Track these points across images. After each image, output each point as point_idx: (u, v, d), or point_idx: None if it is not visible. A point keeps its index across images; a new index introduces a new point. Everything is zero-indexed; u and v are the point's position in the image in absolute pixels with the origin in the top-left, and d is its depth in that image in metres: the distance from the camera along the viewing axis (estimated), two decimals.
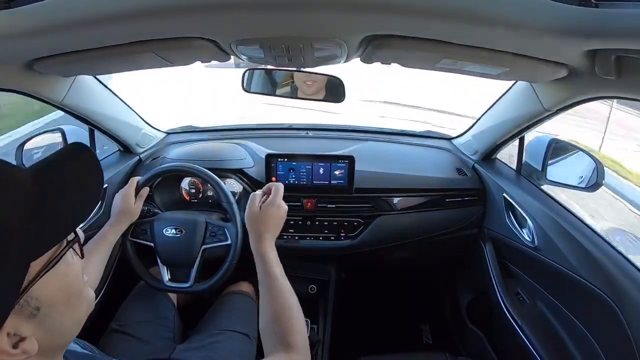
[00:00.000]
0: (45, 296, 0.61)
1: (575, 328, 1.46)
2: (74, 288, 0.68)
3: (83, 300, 0.71)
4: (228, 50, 1.12)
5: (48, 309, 0.62)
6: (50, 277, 0.61)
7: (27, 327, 0.60)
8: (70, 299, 0.67)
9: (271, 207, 1.28)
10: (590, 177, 1.61)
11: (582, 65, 1.03)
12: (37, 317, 0.61)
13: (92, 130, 1.86)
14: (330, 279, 2.04)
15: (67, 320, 0.67)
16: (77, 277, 0.69)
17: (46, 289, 0.61)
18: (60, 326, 0.66)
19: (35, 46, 1.02)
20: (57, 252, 0.63)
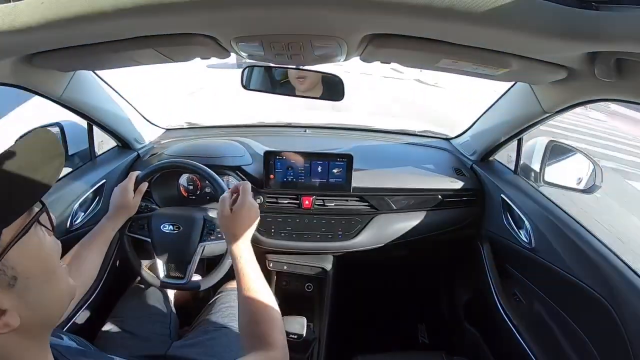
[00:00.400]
0: (21, 266, 0.62)
1: (571, 329, 1.47)
2: (49, 263, 0.69)
3: (61, 280, 0.72)
4: (228, 47, 1.12)
5: (25, 279, 0.63)
6: (24, 247, 0.63)
7: (7, 299, 0.61)
8: (46, 273, 0.68)
9: (241, 208, 1.29)
10: (588, 179, 1.61)
11: (582, 67, 1.03)
12: (16, 287, 0.62)
13: (90, 125, 1.86)
14: (327, 278, 2.03)
15: (47, 296, 0.68)
16: (52, 253, 0.70)
17: (21, 258, 0.62)
18: (41, 302, 0.67)
19: (34, 41, 1.02)
20: (27, 220, 0.64)
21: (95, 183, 1.80)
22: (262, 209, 1.93)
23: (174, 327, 1.71)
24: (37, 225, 0.67)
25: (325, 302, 2.02)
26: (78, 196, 1.71)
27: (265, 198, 1.95)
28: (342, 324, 2.26)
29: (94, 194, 1.82)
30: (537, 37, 0.77)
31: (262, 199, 1.95)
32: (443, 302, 2.58)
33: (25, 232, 0.63)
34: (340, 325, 2.22)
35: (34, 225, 0.66)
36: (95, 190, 1.81)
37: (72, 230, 1.67)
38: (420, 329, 2.58)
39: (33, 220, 0.65)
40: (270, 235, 1.96)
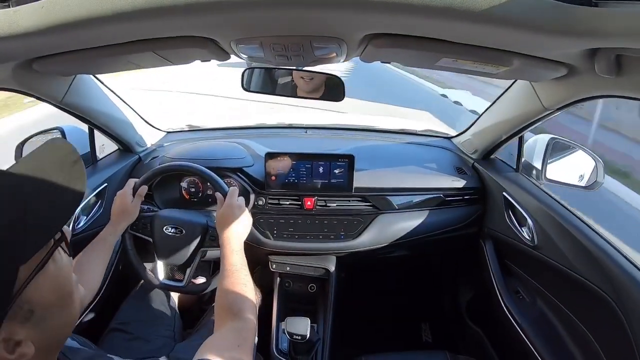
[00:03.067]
0: (37, 299, 0.61)
1: (575, 326, 1.47)
2: (65, 288, 0.68)
3: (75, 299, 0.71)
4: (228, 49, 1.12)
5: (42, 311, 0.62)
6: (41, 279, 0.61)
7: (22, 331, 0.60)
8: (63, 299, 0.67)
9: (227, 209, 1.40)
10: (590, 176, 1.61)
11: (582, 64, 1.03)
12: (31, 320, 0.61)
13: (91, 129, 1.86)
14: (330, 278, 2.03)
15: (61, 321, 0.67)
16: (68, 276, 0.69)
17: (38, 292, 0.61)
18: (55, 327, 0.66)
19: (34, 45, 1.02)
20: (44, 253, 0.62)
21: (97, 187, 1.80)
22: (264, 211, 1.93)
23: (177, 329, 1.71)
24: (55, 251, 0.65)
25: (328, 303, 2.02)
26: None
27: (267, 199, 1.95)
28: (346, 325, 2.26)
29: (96, 198, 1.81)
30: (537, 35, 0.77)
31: (264, 200, 1.95)
32: (446, 301, 2.58)
33: (41, 267, 0.61)
34: (344, 326, 2.22)
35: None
36: (97, 194, 1.80)
37: (75, 234, 1.67)
38: (423, 328, 2.58)
39: (51, 253, 0.63)
40: (272, 236, 1.96)
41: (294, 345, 1.76)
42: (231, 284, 1.18)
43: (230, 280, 1.20)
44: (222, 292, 1.17)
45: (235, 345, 0.98)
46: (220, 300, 1.16)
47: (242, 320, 1.08)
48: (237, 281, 1.20)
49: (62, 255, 0.68)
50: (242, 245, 1.36)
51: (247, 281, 1.23)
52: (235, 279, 1.20)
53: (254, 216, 1.93)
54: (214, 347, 0.95)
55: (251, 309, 1.14)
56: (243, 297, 1.15)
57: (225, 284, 1.19)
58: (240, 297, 1.15)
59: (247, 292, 1.18)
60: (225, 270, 1.24)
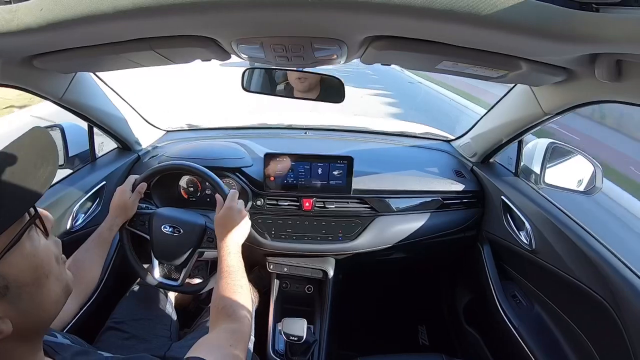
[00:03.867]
0: (12, 275, 0.61)
1: (572, 331, 1.47)
2: (43, 268, 0.68)
3: (56, 281, 0.71)
4: (228, 49, 1.12)
5: (17, 288, 0.62)
6: (16, 256, 0.62)
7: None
8: (39, 279, 0.67)
9: (227, 211, 1.42)
10: (589, 181, 1.61)
11: (582, 69, 1.03)
12: (8, 296, 0.61)
13: (90, 127, 1.86)
14: (328, 280, 2.03)
15: (41, 301, 0.67)
16: (47, 257, 0.69)
17: (12, 267, 0.61)
18: (35, 307, 0.66)
19: (35, 42, 1.02)
20: (18, 229, 0.63)
21: (95, 185, 1.80)
22: (262, 211, 1.93)
23: (174, 328, 1.71)
24: (31, 229, 0.66)
25: (325, 304, 2.02)
26: (78, 198, 1.71)
27: (265, 200, 1.95)
28: (343, 326, 2.26)
29: (94, 196, 1.81)
30: (537, 39, 0.77)
31: (262, 201, 1.95)
32: (443, 304, 2.58)
33: (15, 242, 0.62)
34: (341, 327, 2.22)
35: (27, 230, 0.65)
36: (95, 192, 1.80)
37: (73, 231, 1.67)
38: (420, 330, 2.58)
39: (23, 230, 0.64)
40: (270, 237, 1.96)
41: (290, 346, 1.76)
42: (227, 286, 1.20)
43: (227, 282, 1.21)
44: (218, 293, 1.18)
45: (228, 345, 0.98)
46: (215, 301, 1.17)
47: (236, 321, 1.09)
48: (233, 283, 1.21)
49: (40, 237, 0.69)
50: (239, 248, 1.37)
51: (244, 283, 1.24)
52: (232, 281, 1.22)
53: (252, 216, 1.93)
54: (207, 346, 0.96)
55: (246, 311, 1.15)
56: (238, 299, 1.16)
57: (222, 286, 1.20)
58: (236, 298, 1.16)
59: (243, 294, 1.20)
60: (222, 272, 1.25)
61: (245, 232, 1.44)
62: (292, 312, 1.94)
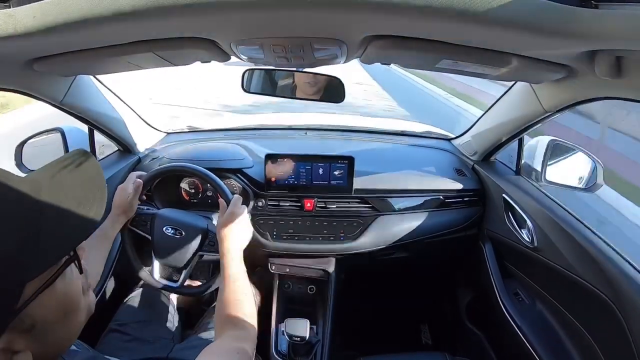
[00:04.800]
0: (40, 315, 0.58)
1: (574, 328, 1.47)
2: (71, 305, 0.65)
3: (81, 312, 0.69)
4: (228, 50, 1.12)
5: (44, 325, 0.60)
6: (47, 296, 0.58)
7: (21, 342, 0.58)
8: (67, 315, 0.64)
9: (230, 217, 1.39)
10: (590, 178, 1.61)
11: (582, 65, 1.03)
12: (32, 332, 0.58)
13: (91, 130, 1.86)
14: (330, 280, 2.03)
15: (63, 334, 0.66)
16: (77, 293, 0.67)
17: (42, 308, 0.58)
18: (56, 340, 0.64)
19: (34, 46, 1.02)
20: (54, 271, 0.60)
21: None
22: (264, 212, 1.93)
23: (177, 330, 1.71)
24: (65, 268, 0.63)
25: (328, 304, 2.02)
26: None
27: (266, 201, 1.95)
28: (345, 326, 2.26)
29: None
30: (537, 36, 0.77)
31: (263, 201, 1.95)
32: (445, 303, 2.58)
33: (49, 285, 0.59)
34: (343, 327, 2.22)
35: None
36: None
37: None
38: (423, 329, 2.58)
39: (58, 273, 0.60)
40: (272, 238, 1.96)
41: (293, 347, 1.76)
42: (231, 293, 1.19)
43: (231, 289, 1.20)
44: (222, 301, 1.18)
45: (235, 353, 0.97)
46: (220, 309, 1.16)
47: (241, 329, 1.09)
48: (237, 290, 1.20)
49: (73, 272, 0.66)
50: (241, 253, 1.36)
51: (247, 291, 1.23)
52: (235, 288, 1.21)
53: (254, 217, 1.93)
54: (212, 354, 0.96)
55: (251, 318, 1.15)
56: (243, 306, 1.16)
57: (226, 293, 1.19)
58: (240, 306, 1.15)
59: (247, 301, 1.19)
60: (226, 279, 1.24)
61: (248, 238, 1.42)
62: (294, 312, 1.94)
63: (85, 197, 0.65)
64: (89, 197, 0.65)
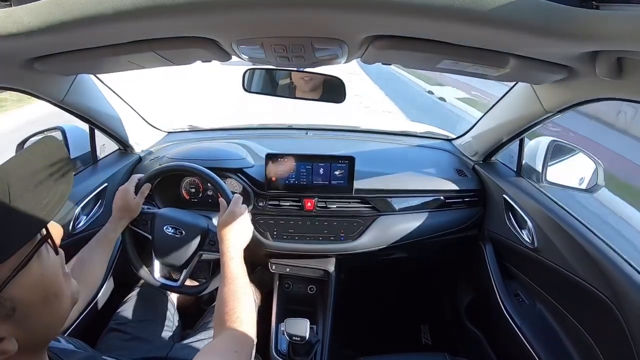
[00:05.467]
0: (20, 297, 0.59)
1: (574, 329, 1.47)
2: (51, 287, 0.66)
3: (63, 297, 0.69)
4: (229, 50, 1.12)
5: (25, 309, 0.60)
6: (24, 277, 0.59)
7: (5, 328, 0.59)
8: (48, 298, 0.65)
9: (230, 216, 1.39)
10: (590, 179, 1.61)
11: (583, 66, 1.03)
12: (14, 317, 0.59)
13: (92, 129, 1.86)
14: (330, 279, 2.03)
15: (47, 318, 0.66)
16: (55, 275, 0.67)
17: (20, 290, 0.59)
18: (41, 324, 0.65)
19: (35, 45, 1.02)
20: (28, 251, 0.61)
21: (97, 187, 1.80)
22: (264, 212, 1.93)
23: (176, 329, 1.71)
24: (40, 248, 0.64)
25: (328, 304, 2.02)
26: (80, 200, 1.71)
27: (267, 200, 1.95)
28: (345, 326, 2.26)
29: (96, 198, 1.81)
30: (538, 37, 0.77)
31: (264, 201, 1.95)
32: (446, 303, 2.58)
33: (24, 265, 0.60)
34: (343, 327, 2.22)
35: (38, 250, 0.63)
36: (97, 194, 1.80)
37: (75, 234, 1.67)
38: (423, 330, 2.58)
39: (33, 252, 0.62)
40: (272, 237, 1.96)
41: (293, 347, 1.76)
42: (230, 292, 1.18)
43: (230, 288, 1.20)
44: (222, 300, 1.17)
45: (233, 351, 0.98)
46: (219, 308, 1.16)
47: (240, 328, 1.09)
48: (237, 289, 1.20)
49: (50, 253, 0.67)
50: (242, 253, 1.36)
51: (247, 290, 1.23)
52: (235, 287, 1.20)
53: (254, 217, 1.93)
54: (211, 353, 0.97)
55: (250, 317, 1.14)
56: (242, 305, 1.15)
57: (225, 292, 1.19)
58: (240, 305, 1.15)
59: (247, 300, 1.19)
60: (225, 278, 1.24)
61: (248, 237, 1.42)
62: (294, 312, 1.94)
63: (51, 176, 0.65)
64: (54, 178, 0.65)
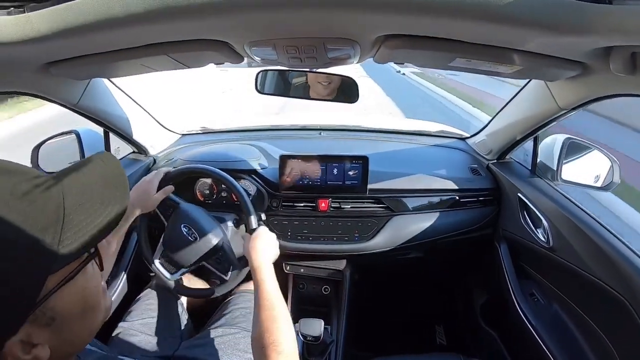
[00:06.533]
0: (61, 308, 0.60)
1: (590, 329, 1.45)
2: (91, 301, 0.67)
3: (99, 311, 0.71)
4: (241, 51, 1.12)
5: (63, 320, 0.61)
6: (68, 290, 0.61)
7: (41, 335, 0.59)
8: (85, 311, 0.66)
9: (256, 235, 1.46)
10: (606, 176, 1.59)
11: (597, 62, 1.02)
12: (52, 326, 0.60)
13: (106, 132, 1.88)
14: (344, 280, 2.04)
15: (81, 330, 0.67)
16: (96, 289, 0.68)
17: (62, 302, 0.60)
18: (75, 335, 0.66)
19: (50, 50, 1.03)
20: (76, 266, 0.62)
21: None
22: (278, 213, 1.94)
23: (186, 329, 1.73)
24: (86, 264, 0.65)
25: (342, 304, 2.02)
26: None
27: (281, 201, 1.96)
28: (360, 326, 2.25)
29: None
30: (550, 33, 0.77)
31: (278, 202, 1.95)
32: (460, 303, 2.57)
33: (71, 279, 0.61)
34: (358, 327, 2.22)
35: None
36: None
37: None
38: (437, 330, 2.57)
39: (82, 267, 0.63)
40: (286, 238, 1.96)
41: (307, 347, 1.76)
42: (271, 318, 1.15)
43: (270, 314, 1.17)
44: (262, 326, 1.14)
45: None
46: (260, 335, 1.12)
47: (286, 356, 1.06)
48: (277, 315, 1.17)
49: (94, 268, 0.68)
50: (272, 267, 1.36)
51: (286, 314, 1.20)
52: (275, 313, 1.17)
53: (268, 218, 1.94)
54: None
55: (294, 344, 1.12)
56: (286, 333, 1.12)
57: (264, 318, 1.16)
58: (282, 331, 1.12)
59: (288, 326, 1.16)
60: (262, 301, 1.21)
61: (275, 253, 1.46)
62: (309, 312, 1.95)
63: (107, 196, 0.66)
64: (110, 197, 0.66)
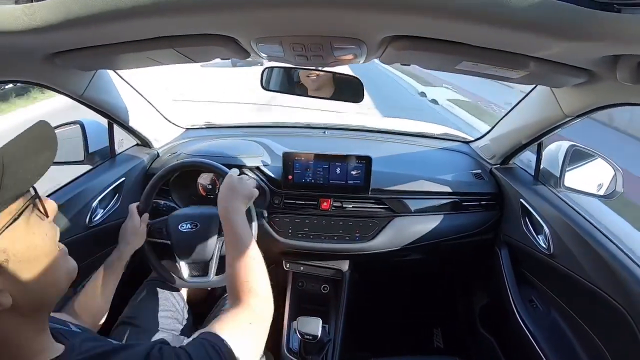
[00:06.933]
0: (12, 250, 0.67)
1: (588, 337, 1.45)
2: (42, 248, 0.72)
3: (56, 265, 0.75)
4: (248, 48, 1.12)
5: (17, 262, 0.67)
6: (15, 232, 0.67)
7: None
8: (39, 258, 0.72)
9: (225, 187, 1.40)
10: (609, 185, 1.59)
11: (603, 70, 1.02)
12: (8, 269, 0.66)
13: (111, 124, 1.88)
14: (344, 279, 2.04)
15: (40, 279, 0.71)
16: (46, 237, 0.74)
17: (12, 243, 0.67)
18: (34, 284, 0.70)
19: (56, 40, 1.04)
20: (18, 207, 0.68)
21: (114, 181, 1.82)
22: (280, 210, 1.94)
23: (187, 323, 1.73)
24: (32, 211, 0.72)
25: (340, 304, 2.02)
26: (98, 193, 1.73)
27: (283, 198, 1.96)
28: (357, 326, 2.25)
29: (113, 192, 1.83)
30: (558, 39, 0.76)
31: (280, 199, 1.96)
32: (459, 307, 2.57)
33: (15, 219, 0.67)
34: (355, 327, 2.22)
35: (28, 211, 0.70)
36: (114, 188, 1.82)
37: (92, 226, 1.68)
38: (435, 333, 2.57)
39: (23, 208, 0.69)
40: (287, 235, 1.96)
41: (304, 345, 1.76)
42: (241, 258, 1.17)
43: (239, 253, 1.19)
44: (233, 269, 1.16)
45: (247, 323, 0.99)
46: (231, 277, 1.15)
47: (255, 300, 1.08)
48: (245, 254, 1.19)
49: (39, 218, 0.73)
50: (243, 215, 1.35)
51: (256, 254, 1.21)
52: (243, 251, 1.19)
53: (270, 215, 1.94)
54: (223, 322, 0.97)
55: (264, 288, 1.14)
56: (255, 276, 1.14)
57: (234, 260, 1.17)
58: (252, 275, 1.14)
59: (259, 269, 1.17)
60: (230, 243, 1.23)
61: (248, 195, 1.43)
62: (307, 311, 1.95)
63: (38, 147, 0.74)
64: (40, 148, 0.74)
